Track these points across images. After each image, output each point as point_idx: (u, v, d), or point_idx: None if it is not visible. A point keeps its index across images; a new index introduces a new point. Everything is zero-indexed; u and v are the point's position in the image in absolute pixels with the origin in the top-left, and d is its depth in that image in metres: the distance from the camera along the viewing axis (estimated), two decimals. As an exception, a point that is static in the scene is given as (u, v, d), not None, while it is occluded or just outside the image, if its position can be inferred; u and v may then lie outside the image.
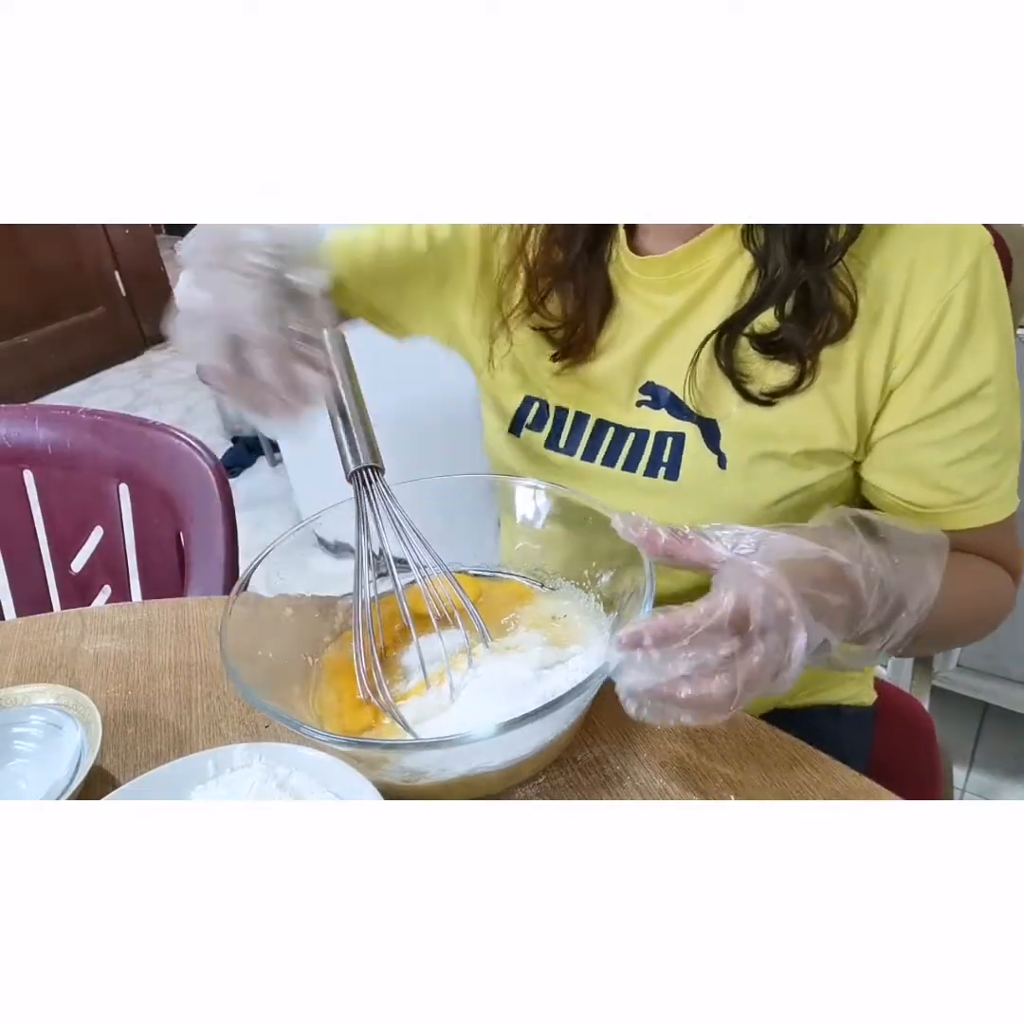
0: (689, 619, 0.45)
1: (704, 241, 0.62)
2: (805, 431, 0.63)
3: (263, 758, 0.55)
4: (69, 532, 1.04)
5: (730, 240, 0.62)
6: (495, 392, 0.76)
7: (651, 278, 0.65)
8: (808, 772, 0.56)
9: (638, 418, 0.68)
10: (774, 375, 0.62)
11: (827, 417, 0.63)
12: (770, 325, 0.61)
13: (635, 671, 0.46)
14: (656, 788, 0.56)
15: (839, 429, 0.63)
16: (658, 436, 0.68)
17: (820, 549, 0.48)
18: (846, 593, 0.48)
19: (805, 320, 0.59)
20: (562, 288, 0.68)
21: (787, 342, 0.60)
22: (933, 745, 0.91)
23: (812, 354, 0.60)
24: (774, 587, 0.45)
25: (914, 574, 0.51)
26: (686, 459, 0.66)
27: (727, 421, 0.65)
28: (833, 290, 0.58)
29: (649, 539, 0.50)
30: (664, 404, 0.67)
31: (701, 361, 0.63)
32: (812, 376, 0.61)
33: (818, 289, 0.58)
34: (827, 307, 0.58)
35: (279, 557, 0.63)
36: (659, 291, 0.65)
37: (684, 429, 0.66)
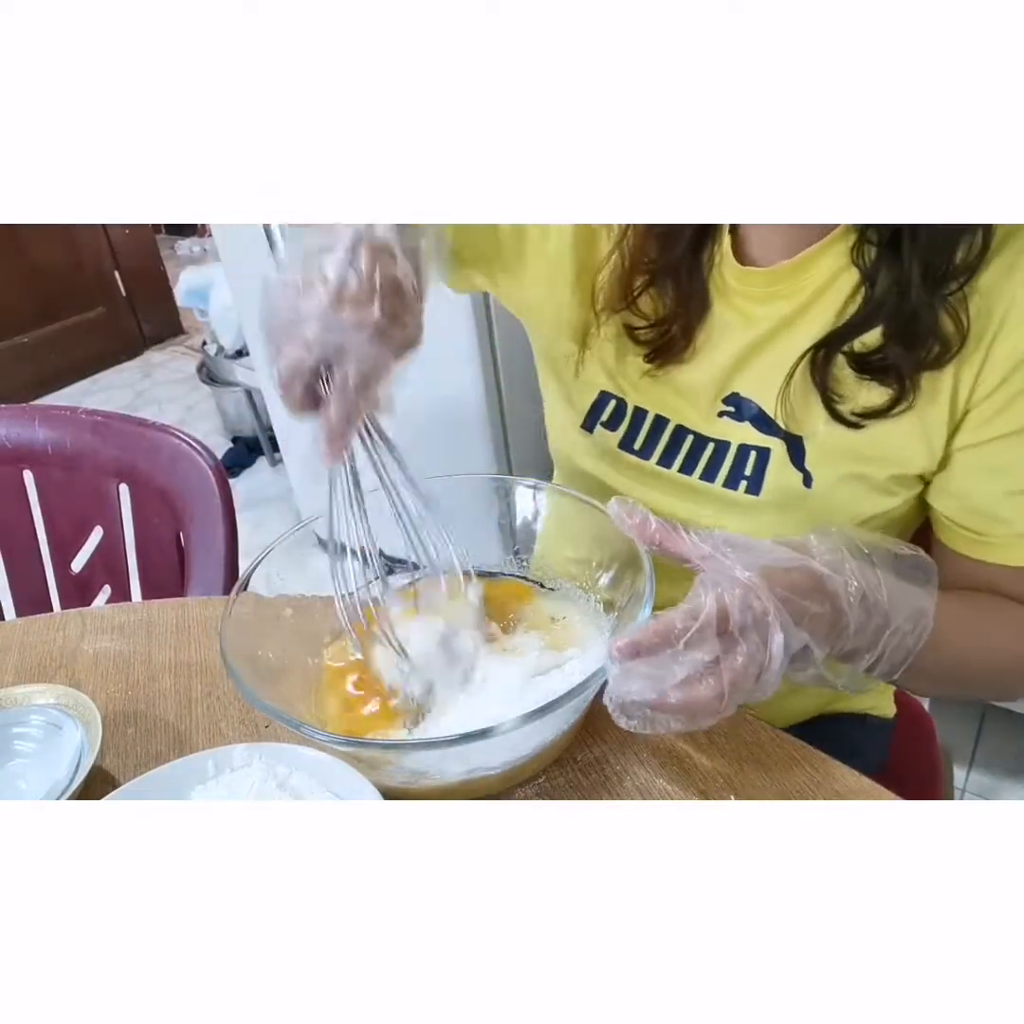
0: (678, 623, 0.45)
1: (811, 256, 0.59)
2: (896, 455, 0.61)
3: (263, 758, 0.55)
4: (69, 532, 1.04)
5: (838, 256, 0.59)
6: (570, 385, 0.72)
7: (751, 288, 0.62)
8: (808, 772, 0.56)
9: (720, 429, 0.67)
10: (867, 396, 0.60)
11: (919, 442, 0.60)
12: (870, 345, 0.58)
13: (630, 682, 0.45)
14: (656, 788, 0.56)
15: (928, 453, 0.61)
16: (740, 448, 0.66)
17: (800, 558, 0.48)
18: (826, 602, 0.48)
19: (909, 343, 0.56)
20: (660, 287, 0.65)
21: (887, 364, 0.58)
22: (933, 745, 0.91)
23: (912, 377, 0.58)
24: (751, 589, 0.45)
25: (899, 591, 0.51)
26: (770, 474, 0.65)
27: (813, 439, 0.63)
28: (942, 316, 0.55)
29: (641, 526, 0.50)
30: (748, 417, 0.65)
31: (795, 377, 0.61)
32: (909, 400, 0.58)
33: (928, 314, 0.55)
34: (933, 332, 0.56)
35: (279, 557, 0.63)
36: (757, 302, 0.63)
37: (770, 444, 0.64)
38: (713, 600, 0.45)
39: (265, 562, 0.62)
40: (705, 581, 0.47)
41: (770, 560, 0.47)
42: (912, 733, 0.91)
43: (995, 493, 0.60)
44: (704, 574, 0.48)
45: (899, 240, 0.54)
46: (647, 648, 0.45)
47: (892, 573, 0.51)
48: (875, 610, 0.49)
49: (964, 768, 1.50)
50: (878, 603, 0.49)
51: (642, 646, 0.45)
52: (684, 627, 0.45)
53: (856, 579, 0.49)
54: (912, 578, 0.52)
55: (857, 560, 0.50)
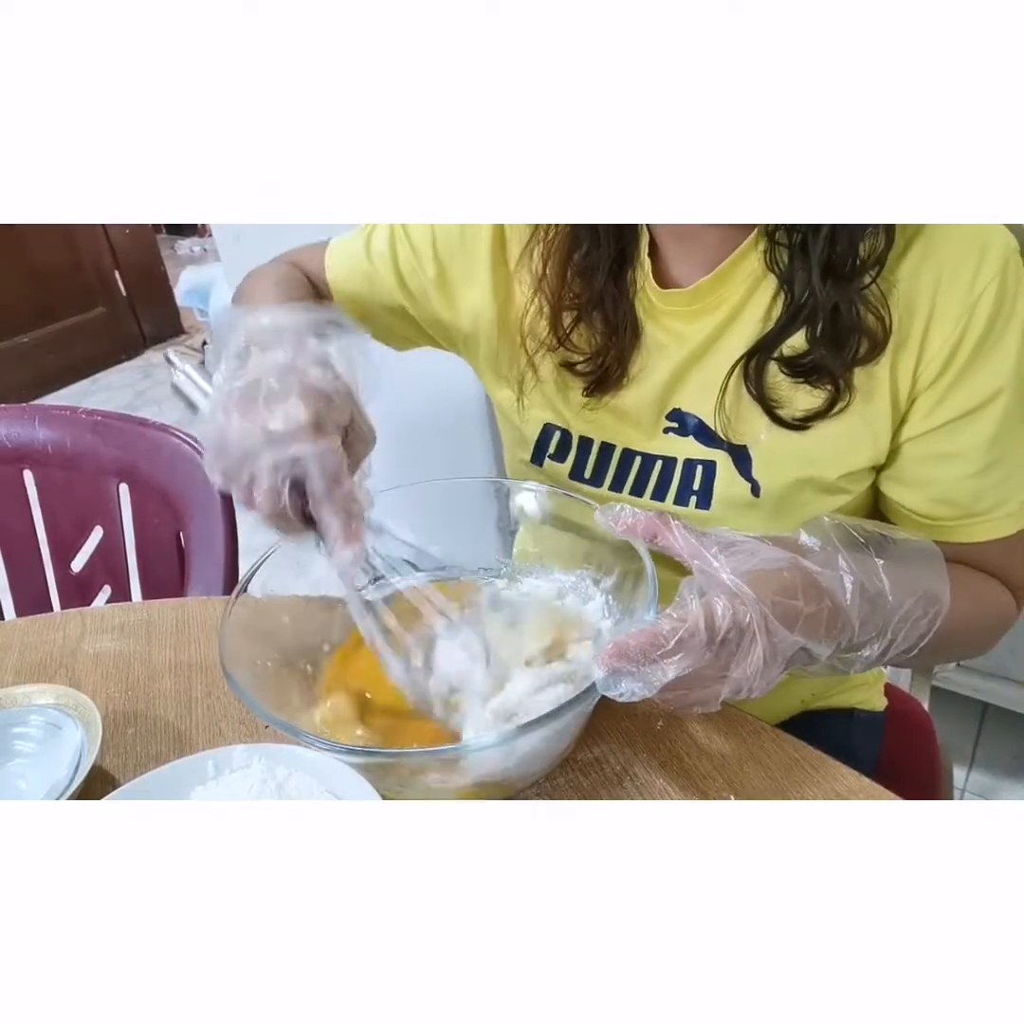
0: (667, 627, 0.45)
1: (726, 269, 0.61)
2: (843, 456, 0.62)
3: (263, 759, 0.55)
4: (69, 532, 1.04)
5: (754, 265, 0.60)
6: (516, 423, 0.74)
7: (676, 308, 0.64)
8: (808, 772, 0.56)
9: (665, 445, 0.67)
10: (805, 399, 0.61)
11: (864, 439, 0.61)
12: (799, 348, 0.59)
13: (618, 683, 0.46)
14: (656, 788, 0.56)
15: (874, 447, 0.62)
16: (686, 464, 0.66)
17: (789, 557, 0.48)
18: (822, 600, 0.47)
19: (835, 342, 0.58)
20: (589, 321, 0.66)
21: (817, 365, 0.59)
22: (933, 745, 0.90)
23: (844, 377, 0.59)
24: (737, 596, 0.45)
25: (903, 576, 0.51)
26: (718, 487, 0.65)
27: (757, 448, 0.63)
28: (863, 311, 0.57)
29: (632, 528, 0.51)
30: (692, 431, 0.66)
31: (730, 387, 0.62)
32: (846, 399, 0.59)
33: (847, 311, 0.56)
34: (857, 329, 0.57)
35: (280, 559, 0.63)
36: (684, 321, 0.64)
37: (715, 457, 0.65)
38: (699, 609, 0.45)
39: (265, 564, 0.62)
40: (692, 587, 0.47)
41: (758, 562, 0.47)
42: (912, 733, 0.91)
43: (949, 479, 0.61)
44: (690, 579, 0.48)
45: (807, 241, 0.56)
46: (635, 654, 0.45)
47: (891, 559, 0.51)
48: (878, 599, 0.49)
49: (964, 768, 1.50)
50: (880, 592, 0.49)
51: (630, 651, 0.45)
52: (672, 630, 0.45)
53: (851, 571, 0.48)
54: (916, 561, 0.52)
55: (851, 550, 0.50)
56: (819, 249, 0.55)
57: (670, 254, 0.64)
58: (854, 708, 0.83)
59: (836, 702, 0.82)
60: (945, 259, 0.57)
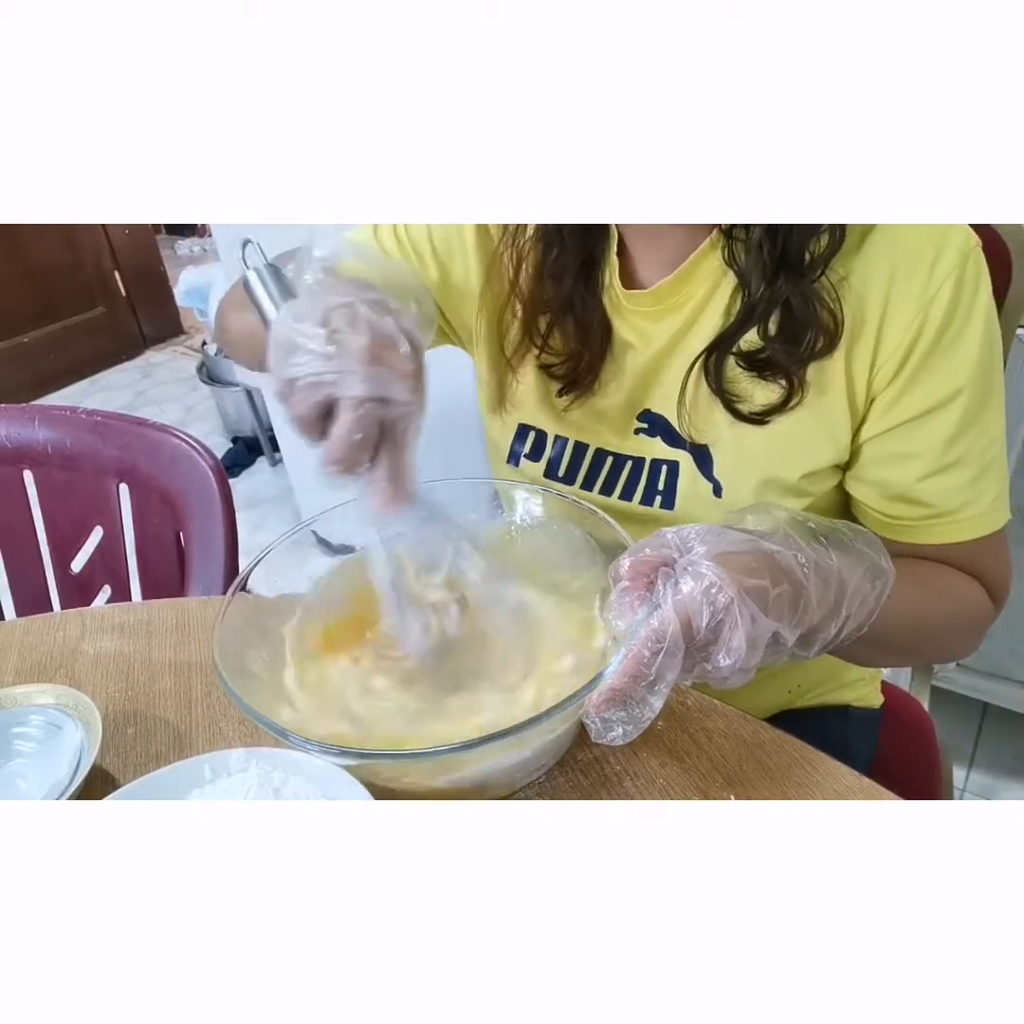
0: (646, 653, 0.44)
1: (687, 269, 0.62)
2: (803, 454, 0.63)
3: (259, 763, 0.54)
4: (69, 532, 1.04)
5: (714, 263, 0.61)
6: (495, 425, 0.76)
7: (642, 308, 0.65)
8: (808, 772, 0.56)
9: (635, 446, 0.68)
10: (763, 394, 0.61)
11: (821, 436, 0.62)
12: (756, 343, 0.60)
13: (611, 731, 0.46)
14: (656, 788, 0.56)
15: (833, 442, 0.62)
16: (653, 464, 0.67)
17: (750, 539, 0.47)
18: (783, 580, 0.47)
19: (789, 337, 0.59)
20: (562, 323, 0.67)
21: (773, 360, 0.60)
22: (933, 745, 0.91)
23: (799, 371, 0.60)
24: (713, 583, 0.44)
25: (849, 555, 0.50)
26: (681, 487, 0.66)
27: (719, 446, 0.64)
28: (816, 306, 0.57)
29: (632, 586, 0.48)
30: (660, 432, 0.67)
31: (690, 385, 0.63)
32: (801, 393, 0.60)
33: (801, 305, 0.57)
34: (811, 323, 0.58)
35: (279, 557, 0.63)
36: (650, 320, 0.65)
37: (678, 457, 0.66)
38: (673, 614, 0.44)
39: (264, 562, 0.62)
40: (665, 580, 0.46)
41: (726, 546, 0.46)
42: (911, 732, 0.91)
43: (909, 479, 0.61)
44: (664, 571, 0.47)
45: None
46: (622, 692, 0.45)
47: (835, 542, 0.50)
48: (831, 577, 0.48)
49: (964, 768, 1.50)
50: (831, 569, 0.48)
51: (617, 692, 0.45)
52: (653, 655, 0.44)
53: (804, 551, 0.48)
54: (857, 539, 0.52)
55: (799, 533, 0.49)
56: (774, 244, 0.56)
57: (637, 255, 0.65)
58: (849, 705, 0.83)
59: (831, 699, 0.82)
60: (901, 254, 0.57)
